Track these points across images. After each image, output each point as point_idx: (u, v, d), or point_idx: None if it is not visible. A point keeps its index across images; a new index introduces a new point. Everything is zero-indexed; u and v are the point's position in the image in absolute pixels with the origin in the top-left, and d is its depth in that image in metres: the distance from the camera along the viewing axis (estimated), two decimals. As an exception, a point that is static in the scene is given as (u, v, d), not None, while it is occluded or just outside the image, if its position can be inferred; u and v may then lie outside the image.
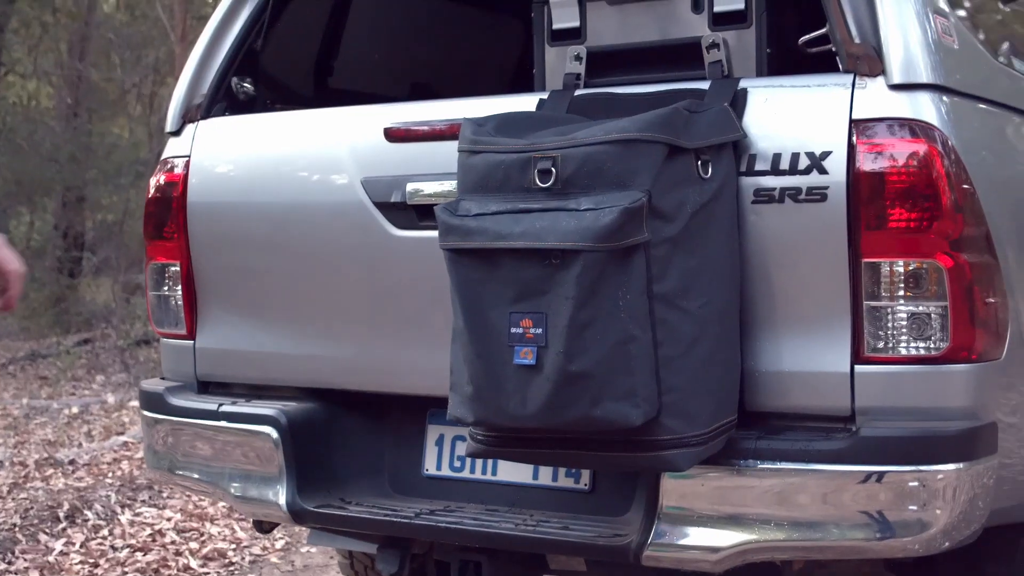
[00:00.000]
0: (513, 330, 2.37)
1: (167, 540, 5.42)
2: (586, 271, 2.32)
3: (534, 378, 2.37)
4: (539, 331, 2.35)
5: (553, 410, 2.37)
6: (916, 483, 2.39)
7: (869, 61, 2.47)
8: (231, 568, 5.11)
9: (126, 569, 5.03)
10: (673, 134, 2.39)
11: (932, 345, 2.43)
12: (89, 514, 5.76)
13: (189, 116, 3.28)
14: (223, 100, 3.30)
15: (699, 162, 2.43)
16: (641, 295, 2.35)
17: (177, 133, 3.28)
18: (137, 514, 5.84)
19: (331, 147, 3.01)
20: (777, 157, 2.49)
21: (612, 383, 2.34)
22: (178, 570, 5.05)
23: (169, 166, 3.26)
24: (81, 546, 5.34)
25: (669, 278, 2.37)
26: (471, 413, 2.49)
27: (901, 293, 2.43)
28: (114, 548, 5.31)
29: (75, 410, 8.88)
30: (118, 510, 5.87)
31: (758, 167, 2.51)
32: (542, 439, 2.49)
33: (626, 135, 2.35)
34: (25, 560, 5.11)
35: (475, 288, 2.43)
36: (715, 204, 2.45)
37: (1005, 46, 3.05)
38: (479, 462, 2.93)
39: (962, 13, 2.83)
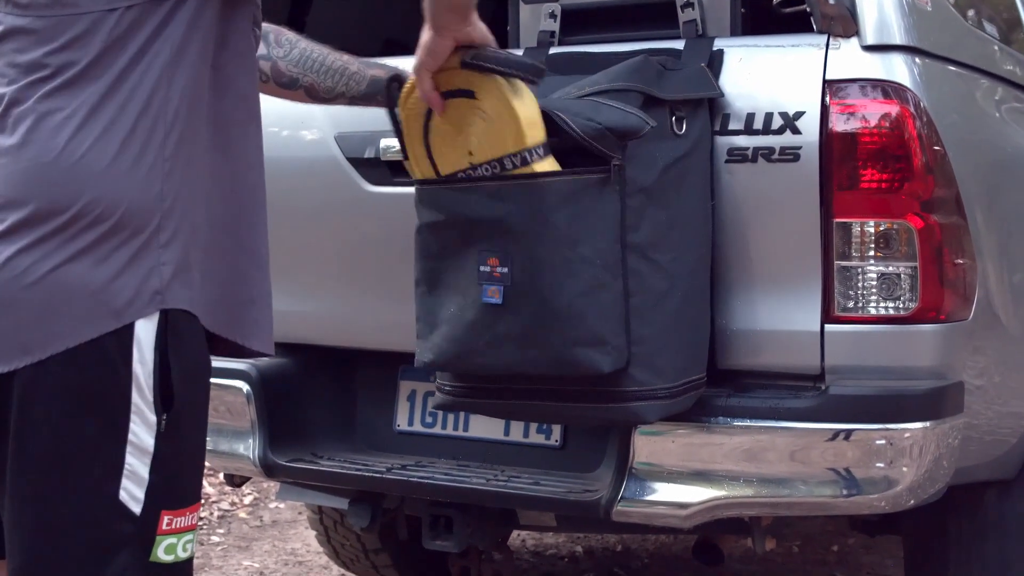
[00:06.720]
0: (482, 268, 2.36)
1: (135, 496, 5.40)
2: (558, 207, 2.31)
3: (502, 318, 2.36)
4: (505, 270, 2.34)
5: (522, 352, 2.36)
6: (883, 441, 2.42)
7: (843, 22, 2.48)
8: (199, 523, 5.12)
9: (94, 524, 5.01)
10: (645, 83, 2.39)
11: (901, 305, 2.46)
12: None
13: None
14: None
15: (673, 118, 2.43)
16: (614, 243, 2.35)
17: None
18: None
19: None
20: (751, 117, 2.50)
21: (582, 328, 2.33)
22: (146, 525, 5.04)
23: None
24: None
25: (642, 229, 2.38)
26: (439, 355, 2.48)
27: (871, 253, 2.45)
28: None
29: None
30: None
31: (732, 126, 2.51)
32: (509, 390, 2.49)
33: (599, 87, 2.36)
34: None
35: (446, 228, 2.42)
36: (689, 160, 2.46)
37: (976, 10, 3.06)
38: (450, 418, 2.94)
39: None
